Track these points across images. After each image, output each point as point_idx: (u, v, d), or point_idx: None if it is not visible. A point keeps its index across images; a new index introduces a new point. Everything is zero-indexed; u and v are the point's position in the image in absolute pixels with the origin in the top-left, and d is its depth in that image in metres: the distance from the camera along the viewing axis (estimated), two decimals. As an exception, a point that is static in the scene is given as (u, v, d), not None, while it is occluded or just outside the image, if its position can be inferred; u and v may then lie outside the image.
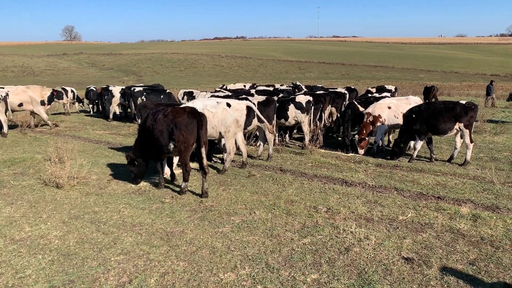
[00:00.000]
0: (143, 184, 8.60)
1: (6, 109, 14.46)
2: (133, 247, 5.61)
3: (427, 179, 8.86)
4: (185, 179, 7.91)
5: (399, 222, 6.41)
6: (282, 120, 12.18)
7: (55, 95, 16.48)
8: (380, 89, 18.70)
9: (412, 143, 11.07)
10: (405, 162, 10.49)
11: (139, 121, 11.32)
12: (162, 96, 18.09)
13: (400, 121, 11.32)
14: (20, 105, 15.68)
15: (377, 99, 13.06)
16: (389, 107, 11.61)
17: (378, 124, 11.55)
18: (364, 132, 11.58)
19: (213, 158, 10.89)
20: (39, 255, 5.39)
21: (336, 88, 18.00)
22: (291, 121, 12.15)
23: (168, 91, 19.28)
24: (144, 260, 5.22)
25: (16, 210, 7.04)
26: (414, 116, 10.42)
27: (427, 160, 10.80)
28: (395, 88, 18.93)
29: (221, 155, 10.82)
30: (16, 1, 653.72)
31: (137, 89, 18.75)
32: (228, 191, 8.10)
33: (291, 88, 19.39)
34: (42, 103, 15.89)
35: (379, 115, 11.53)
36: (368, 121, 11.58)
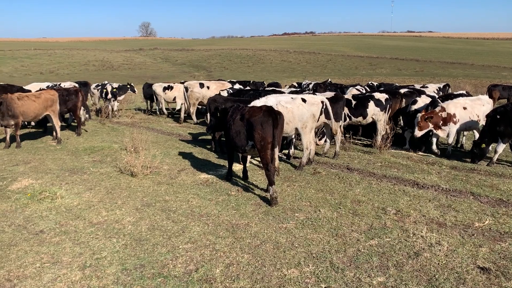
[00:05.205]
0: (210, 176, 8.83)
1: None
2: (200, 236, 5.79)
3: (508, 184, 8.20)
4: (271, 182, 7.16)
5: (475, 229, 6.02)
6: (360, 118, 11.75)
7: None
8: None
9: (493, 145, 10.31)
10: (483, 166, 9.80)
11: (208, 114, 11.63)
12: None
13: (473, 123, 10.63)
14: None
15: (456, 96, 12.32)
16: (465, 108, 10.87)
17: (451, 123, 10.84)
18: (432, 119, 10.84)
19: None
20: (114, 238, 5.74)
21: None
22: (368, 119, 11.72)
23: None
24: (210, 250, 5.37)
25: (95, 195, 7.56)
26: (498, 116, 9.66)
27: (508, 164, 10.02)
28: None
29: (285, 151, 10.79)
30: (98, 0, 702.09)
31: None
32: (293, 187, 8.08)
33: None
34: None
35: (454, 114, 10.84)
36: (440, 114, 10.85)
